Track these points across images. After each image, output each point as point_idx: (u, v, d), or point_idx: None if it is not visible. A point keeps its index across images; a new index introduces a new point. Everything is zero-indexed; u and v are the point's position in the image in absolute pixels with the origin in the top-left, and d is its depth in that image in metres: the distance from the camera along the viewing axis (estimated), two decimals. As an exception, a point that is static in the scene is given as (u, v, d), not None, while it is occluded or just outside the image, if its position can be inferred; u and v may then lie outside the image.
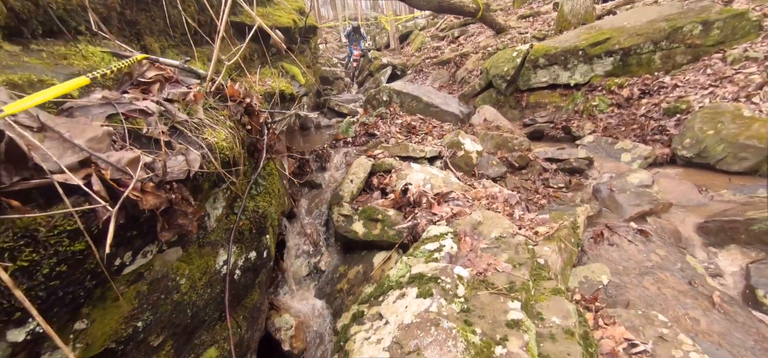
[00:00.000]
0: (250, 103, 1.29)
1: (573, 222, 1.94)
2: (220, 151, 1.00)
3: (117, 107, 0.84)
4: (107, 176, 0.66)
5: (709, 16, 4.49)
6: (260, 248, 1.36)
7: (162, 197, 0.75)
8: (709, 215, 2.55)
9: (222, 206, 1.18)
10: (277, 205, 1.60)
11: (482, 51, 7.78)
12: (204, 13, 1.93)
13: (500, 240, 1.53)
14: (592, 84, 5.17)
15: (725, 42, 4.39)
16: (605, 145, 4.06)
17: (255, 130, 1.35)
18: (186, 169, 0.83)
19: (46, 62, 1.00)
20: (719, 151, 3.19)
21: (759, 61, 3.89)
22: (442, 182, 2.24)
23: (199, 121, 1.00)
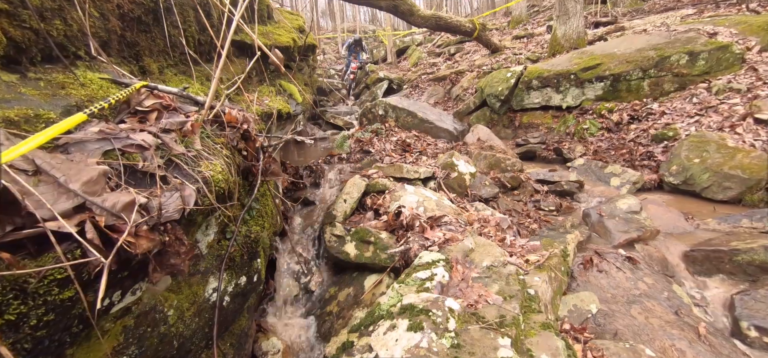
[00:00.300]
0: (247, 129, 1.30)
1: (563, 250, 1.97)
2: (216, 184, 1.00)
3: (114, 142, 0.84)
4: (101, 223, 0.66)
5: (694, 48, 4.65)
6: (251, 273, 1.35)
7: (155, 240, 0.75)
8: (694, 243, 2.61)
9: (214, 232, 1.17)
10: (270, 226, 1.60)
11: (477, 69, 7.92)
12: (204, 33, 1.95)
13: (491, 269, 1.54)
14: (583, 107, 5.29)
15: (710, 72, 4.55)
16: (595, 169, 4.13)
17: (251, 155, 1.35)
18: (181, 208, 0.83)
19: (44, 93, 1.00)
20: (705, 179, 3.28)
21: (742, 93, 4.04)
22: (435, 204, 2.25)
23: (195, 153, 1.00)
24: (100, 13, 1.33)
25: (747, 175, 3.05)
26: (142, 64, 1.59)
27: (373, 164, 2.95)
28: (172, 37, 1.70)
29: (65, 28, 1.20)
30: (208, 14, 1.84)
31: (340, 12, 21.48)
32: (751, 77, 4.16)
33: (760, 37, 4.63)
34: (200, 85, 1.66)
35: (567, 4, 6.19)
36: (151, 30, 1.65)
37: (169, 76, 1.68)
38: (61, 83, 1.09)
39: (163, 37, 1.66)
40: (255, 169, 1.38)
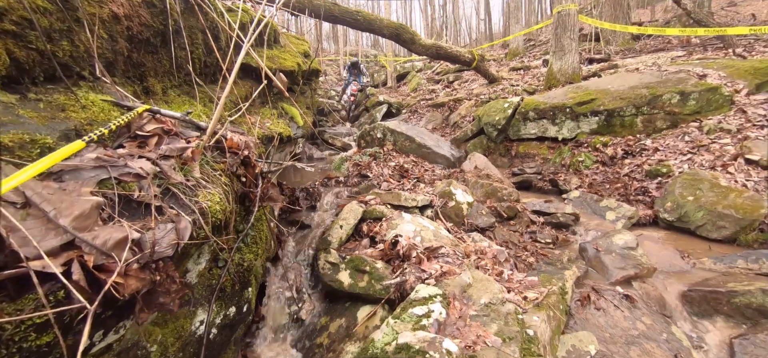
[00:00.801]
0: (248, 155, 1.29)
1: (562, 287, 1.94)
2: (213, 215, 0.97)
3: (110, 171, 0.81)
4: (90, 263, 0.62)
5: (685, 88, 4.80)
6: (241, 302, 1.30)
7: (145, 280, 0.72)
8: (692, 283, 2.59)
9: (206, 260, 1.13)
10: (263, 252, 1.55)
11: (475, 98, 8.07)
12: (211, 56, 1.96)
13: (489, 307, 1.50)
14: (578, 140, 5.38)
15: (701, 112, 4.68)
16: (591, 202, 4.15)
17: (250, 182, 1.33)
18: (175, 243, 0.80)
19: (43, 116, 0.98)
20: (699, 217, 3.30)
21: (732, 134, 4.13)
22: (432, 234, 2.22)
23: (194, 182, 0.97)
24: (108, 35, 1.33)
25: (740, 216, 3.07)
26: (145, 84, 1.59)
27: (370, 189, 2.93)
28: (179, 58, 1.71)
29: (72, 49, 1.20)
30: (216, 37, 1.86)
31: (344, 36, 22.03)
32: (740, 119, 4.27)
33: (748, 80, 4.79)
34: (203, 106, 1.65)
35: (563, 41, 6.41)
36: (158, 51, 1.65)
37: (172, 96, 1.68)
38: (61, 105, 1.07)
39: (170, 58, 1.67)
40: (253, 195, 1.35)
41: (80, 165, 0.80)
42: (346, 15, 7.36)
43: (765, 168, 3.51)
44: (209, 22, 1.78)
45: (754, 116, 4.19)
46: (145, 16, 1.47)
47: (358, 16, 7.46)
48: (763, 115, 4.17)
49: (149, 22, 1.51)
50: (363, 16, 7.51)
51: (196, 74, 1.64)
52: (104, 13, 1.27)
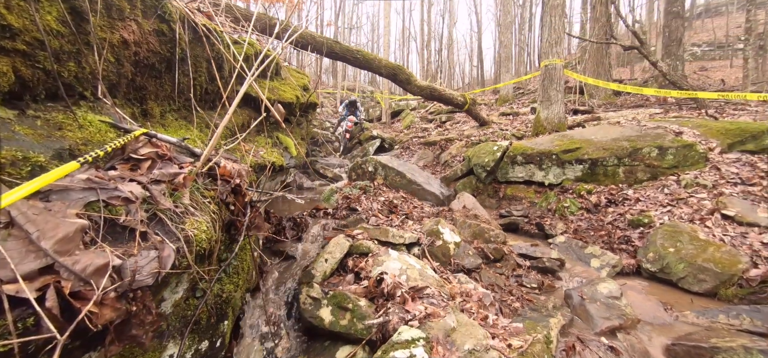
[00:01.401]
0: (239, 184, 1.29)
1: (546, 335, 1.91)
2: (198, 243, 0.96)
3: (99, 193, 0.81)
4: (66, 289, 0.61)
5: (663, 143, 5.05)
6: (215, 337, 1.24)
7: (121, 310, 0.69)
8: (675, 337, 2.59)
9: (183, 290, 1.10)
10: (244, 283, 1.51)
11: (466, 139, 8.30)
12: (213, 83, 2.01)
13: (473, 355, 1.47)
14: (563, 186, 5.53)
15: (678, 167, 4.89)
16: (576, 248, 4.20)
17: (238, 210, 1.32)
18: (156, 272, 0.78)
19: (39, 133, 0.98)
20: (680, 269, 3.35)
21: (708, 189, 4.31)
22: (418, 274, 2.20)
23: (183, 209, 0.97)
24: (115, 58, 1.36)
25: (720, 270, 3.14)
26: (145, 107, 1.61)
27: (358, 223, 2.92)
28: (181, 84, 1.74)
29: (77, 70, 1.22)
30: (220, 67, 1.92)
31: (343, 71, 22.77)
32: (715, 175, 4.48)
33: (720, 140, 5.08)
34: (199, 131, 1.66)
35: (549, 92, 6.75)
36: (161, 76, 1.69)
37: (169, 120, 1.69)
38: (58, 124, 1.07)
39: (172, 83, 1.70)
40: (239, 223, 1.34)
41: (70, 186, 0.79)
42: (347, 53, 7.65)
43: (740, 224, 3.65)
44: (215, 53, 1.84)
45: (727, 174, 4.40)
46: (154, 43, 1.52)
47: (357, 54, 7.76)
48: (736, 173, 4.38)
49: (157, 49, 1.55)
50: (362, 55, 7.82)
51: (196, 100, 1.67)
52: (115, 38, 1.30)
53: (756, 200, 3.91)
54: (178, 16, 1.61)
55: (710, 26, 22.70)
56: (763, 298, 2.89)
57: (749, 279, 3.02)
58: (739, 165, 4.55)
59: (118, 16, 1.32)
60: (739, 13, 22.99)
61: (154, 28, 1.54)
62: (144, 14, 1.48)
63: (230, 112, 1.22)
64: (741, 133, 5.01)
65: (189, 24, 1.67)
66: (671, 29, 10.37)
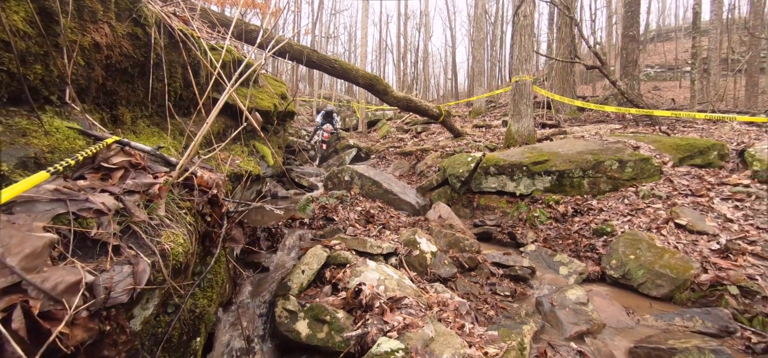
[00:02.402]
0: (216, 194, 1.24)
1: (520, 342, 1.97)
2: (174, 257, 0.91)
3: (69, 205, 0.75)
4: (35, 310, 0.56)
5: (623, 156, 5.41)
6: (187, 355, 1.17)
7: (93, 330, 0.64)
8: (637, 340, 2.74)
9: (154, 306, 1.03)
10: (217, 297, 1.44)
11: (441, 150, 8.48)
12: (188, 89, 1.93)
13: (451, 363, 1.48)
14: (533, 196, 5.76)
15: (637, 179, 5.25)
16: (545, 257, 4.37)
17: (214, 221, 1.27)
18: (130, 289, 0.73)
19: (1, 140, 0.90)
20: (640, 275, 3.58)
21: (663, 200, 4.65)
22: (396, 284, 2.21)
23: (158, 221, 0.92)
24: (85, 62, 1.28)
25: (675, 275, 3.38)
26: (115, 112, 1.51)
27: (335, 234, 2.89)
28: (155, 90, 1.66)
29: (45, 73, 1.13)
30: (196, 73, 1.85)
31: (319, 79, 22.64)
32: (668, 187, 4.85)
33: (672, 154, 5.52)
34: (172, 139, 1.59)
35: (520, 106, 7.07)
36: (133, 81, 1.60)
37: (141, 126, 1.60)
38: (22, 130, 0.99)
39: (145, 89, 1.62)
40: (216, 235, 1.28)
41: (36, 197, 0.73)
42: (324, 62, 7.64)
43: (691, 232, 3.95)
44: (191, 58, 1.78)
45: (679, 186, 4.77)
46: (128, 47, 1.44)
47: (335, 64, 7.77)
48: (686, 185, 4.76)
49: (130, 53, 1.47)
50: (340, 64, 7.84)
51: (169, 107, 1.60)
52: (86, 41, 1.23)
53: (704, 210, 4.27)
54: (153, 20, 1.55)
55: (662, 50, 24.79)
56: (713, 301, 3.13)
57: (700, 283, 3.27)
58: (688, 178, 4.95)
59: (91, 18, 1.25)
60: (686, 38, 25.28)
61: (129, 32, 1.46)
62: (118, 17, 1.40)
63: (209, 120, 1.18)
64: (690, 148, 5.47)
65: (165, 28, 1.60)
66: (628, 51, 11.22)
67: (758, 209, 4.03)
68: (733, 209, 4.14)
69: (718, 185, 4.68)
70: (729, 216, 4.04)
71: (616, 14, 21.59)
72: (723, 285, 3.19)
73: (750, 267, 3.29)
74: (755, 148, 5.04)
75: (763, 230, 3.71)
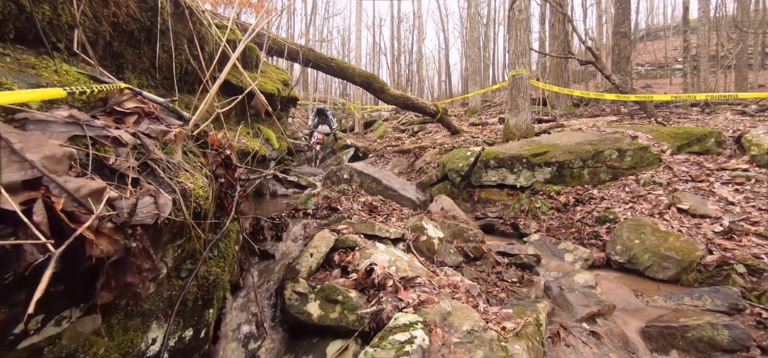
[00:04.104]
0: (229, 155, 1.18)
1: (536, 319, 1.93)
2: (195, 199, 0.85)
3: (86, 130, 0.69)
4: (58, 207, 0.50)
5: (622, 146, 5.43)
6: (200, 324, 1.11)
7: (119, 244, 0.59)
8: (648, 319, 2.71)
9: (167, 266, 0.97)
10: (229, 270, 1.38)
11: (439, 147, 8.47)
12: (192, 63, 1.88)
13: (472, 334, 1.44)
14: (534, 188, 5.76)
15: (636, 168, 5.27)
16: (550, 245, 4.35)
17: (227, 183, 1.21)
18: (155, 214, 0.68)
19: (10, 67, 0.84)
20: (646, 259, 3.56)
21: (664, 186, 4.67)
22: (407, 265, 2.16)
23: (177, 163, 0.86)
24: (93, 15, 1.22)
25: (681, 257, 3.37)
26: (121, 76, 1.46)
27: (341, 221, 2.83)
28: (161, 59, 1.61)
29: (53, 15, 1.07)
30: (201, 48, 1.80)
31: (314, 83, 22.59)
32: (668, 174, 4.87)
33: (670, 142, 5.56)
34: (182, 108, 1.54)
35: (517, 100, 7.09)
36: (140, 47, 1.55)
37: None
38: (31, 64, 0.93)
39: (151, 57, 1.56)
40: (228, 201, 1.22)
41: (50, 119, 0.67)
42: (321, 61, 7.61)
43: (694, 216, 3.96)
44: (196, 30, 1.73)
45: (679, 172, 4.79)
46: (134, 8, 1.39)
47: (331, 62, 7.74)
48: (686, 171, 4.79)
49: (136, 15, 1.42)
50: (336, 63, 7.81)
51: (175, 80, 1.55)
52: None
53: (705, 194, 4.29)
54: (159, -16, 1.50)
55: (651, 48, 25.21)
56: (720, 280, 3.13)
57: (706, 264, 3.27)
58: (688, 165, 4.98)
59: (100, -31, 1.20)
60: (675, 37, 25.76)
61: (136, -8, 1.42)
62: (125, -25, 1.36)
63: (222, 76, 1.13)
64: (688, 136, 5.51)
65: (171, -6, 1.56)
66: (620, 48, 11.36)
67: (759, 192, 4.06)
68: (734, 193, 4.16)
69: (718, 170, 4.71)
70: (730, 199, 4.06)
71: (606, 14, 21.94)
72: (729, 265, 3.19)
73: (755, 247, 3.30)
74: (752, 134, 5.10)
75: (764, 210, 3.73)
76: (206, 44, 1.91)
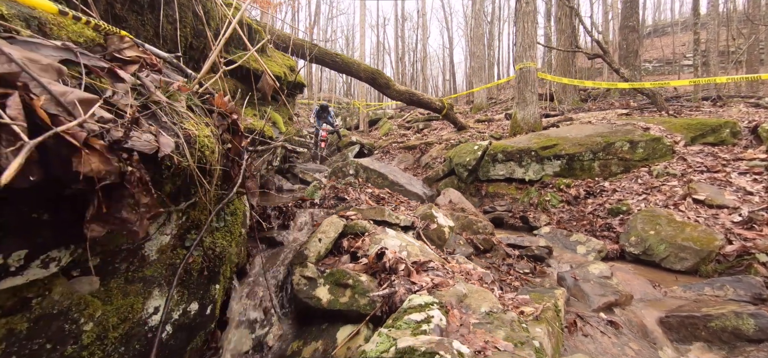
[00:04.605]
0: (235, 120, 1.12)
1: (555, 304, 1.85)
2: (200, 148, 0.79)
3: (80, 58, 0.63)
4: (38, 105, 0.44)
5: (634, 137, 5.31)
6: (206, 299, 1.05)
7: (112, 166, 0.52)
8: (668, 309, 2.61)
9: (171, 234, 0.91)
10: (236, 253, 1.32)
11: (445, 142, 8.38)
12: (198, 39, 1.82)
13: (491, 316, 1.36)
14: (543, 182, 5.65)
15: (649, 159, 5.15)
16: (561, 237, 4.25)
17: (235, 151, 1.14)
18: (155, 147, 0.61)
19: None
20: (662, 250, 3.46)
21: (678, 177, 4.55)
22: (418, 250, 2.08)
23: (180, 111, 0.80)
24: None
25: (699, 247, 3.26)
26: None
27: (349, 209, 2.77)
28: (165, 30, 1.55)
29: None
30: (207, 23, 1.75)
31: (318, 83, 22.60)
32: (682, 165, 4.74)
33: (683, 134, 5.42)
34: None
35: (525, 93, 6.98)
36: (143, 13, 1.50)
37: None
38: (28, 4, 0.86)
39: (155, 25, 1.51)
40: (235, 171, 1.16)
41: (41, 42, 0.61)
42: (325, 56, 7.56)
43: (710, 207, 3.84)
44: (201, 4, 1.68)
45: (694, 163, 4.67)
46: None
47: (336, 58, 7.69)
48: (701, 162, 4.66)
49: None
50: (341, 58, 7.76)
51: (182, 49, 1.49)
52: None
53: (721, 185, 4.16)
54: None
55: (659, 44, 24.86)
56: (741, 270, 3.01)
57: (726, 254, 3.16)
58: (702, 155, 4.85)
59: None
60: (683, 33, 25.40)
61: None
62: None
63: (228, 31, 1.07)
64: (702, 127, 5.38)
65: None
66: (628, 42, 11.19)
67: (778, 181, 3.92)
68: (752, 182, 4.03)
69: (734, 160, 4.58)
70: (749, 189, 3.93)
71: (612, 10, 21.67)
72: (750, 254, 3.07)
73: (777, 236, 3.18)
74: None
75: (786, 200, 3.60)
76: (211, 20, 1.86)
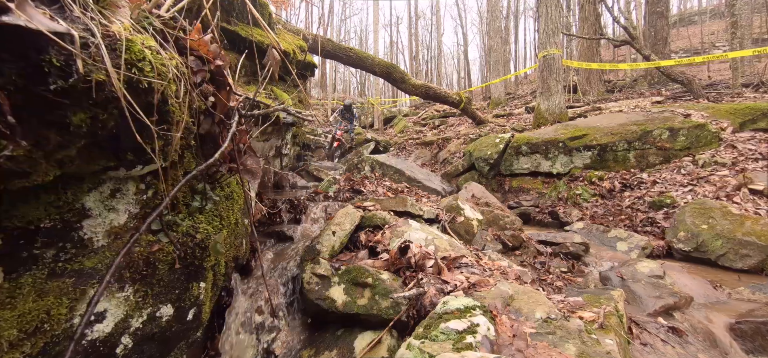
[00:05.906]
0: (220, 68, 0.87)
1: (616, 308, 1.54)
2: (136, 61, 0.54)
3: None
4: None
5: (674, 125, 4.86)
6: (184, 301, 0.80)
7: None
8: (737, 314, 2.24)
9: (128, 212, 0.67)
10: (230, 242, 1.09)
11: (464, 137, 8.04)
12: None
13: (551, 323, 1.08)
14: (572, 174, 5.26)
15: (691, 148, 4.69)
16: (597, 233, 3.88)
17: (221, 109, 0.89)
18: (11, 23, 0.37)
19: None
20: (718, 246, 3.05)
21: (728, 166, 4.09)
22: (447, 244, 1.81)
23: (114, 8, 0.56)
24: None
25: (764, 243, 2.85)
26: None
27: (366, 200, 2.52)
28: None
29: None
30: None
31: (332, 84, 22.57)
32: (733, 153, 4.28)
33: (730, 120, 4.92)
34: None
35: (549, 82, 6.58)
36: None
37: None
38: None
39: None
40: (222, 136, 0.91)
41: None
42: (339, 51, 7.37)
43: (772, 197, 3.40)
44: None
45: (746, 151, 4.19)
46: None
47: (350, 52, 7.49)
48: (754, 149, 4.19)
49: None
50: (355, 53, 7.56)
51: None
52: None
53: (783, 173, 3.69)
54: None
55: (685, 34, 23.60)
56: (820, 269, 2.59)
57: (799, 250, 2.73)
58: (755, 142, 4.36)
59: None
60: (711, 21, 24.05)
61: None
62: None
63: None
64: (752, 112, 4.87)
65: None
66: (656, 29, 10.54)
67: None
68: (821, 170, 3.55)
69: (794, 146, 4.08)
70: (817, 177, 3.45)
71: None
72: (830, 251, 2.64)
73: None
74: (833, 105, 4.41)
75: None
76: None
